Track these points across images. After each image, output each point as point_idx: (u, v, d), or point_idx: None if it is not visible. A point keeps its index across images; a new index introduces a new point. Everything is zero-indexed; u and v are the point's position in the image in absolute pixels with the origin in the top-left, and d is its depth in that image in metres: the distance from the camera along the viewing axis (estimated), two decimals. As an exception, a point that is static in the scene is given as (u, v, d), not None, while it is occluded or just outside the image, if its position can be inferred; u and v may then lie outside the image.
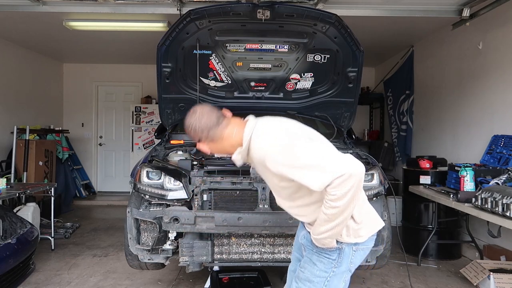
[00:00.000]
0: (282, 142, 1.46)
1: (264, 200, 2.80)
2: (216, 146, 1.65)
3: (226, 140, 1.61)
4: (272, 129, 1.54)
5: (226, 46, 3.50)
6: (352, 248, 1.61)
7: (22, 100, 6.63)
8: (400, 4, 3.92)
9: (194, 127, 1.61)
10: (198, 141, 1.66)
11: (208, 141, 1.63)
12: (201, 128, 1.60)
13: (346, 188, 1.35)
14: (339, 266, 1.62)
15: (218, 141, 1.62)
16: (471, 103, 4.57)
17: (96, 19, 4.82)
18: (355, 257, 1.64)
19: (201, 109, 1.63)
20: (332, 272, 1.61)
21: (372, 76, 7.88)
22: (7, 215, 3.64)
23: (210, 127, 1.60)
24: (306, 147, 1.44)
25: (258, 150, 1.52)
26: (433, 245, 4.31)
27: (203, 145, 1.65)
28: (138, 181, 2.91)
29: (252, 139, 1.54)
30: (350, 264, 1.64)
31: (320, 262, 1.62)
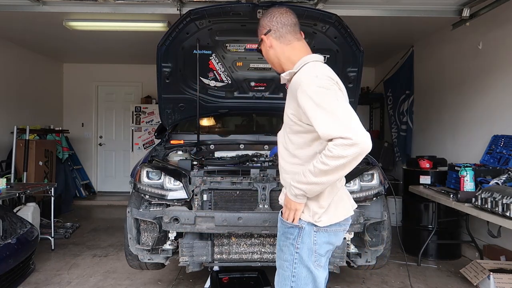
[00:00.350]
0: (321, 82, 1.48)
1: (264, 200, 2.80)
2: (276, 51, 1.70)
3: (285, 52, 1.67)
4: (320, 71, 1.55)
5: (226, 46, 3.50)
6: (313, 229, 1.59)
7: (22, 100, 6.63)
8: (400, 4, 3.92)
9: (275, 16, 1.68)
10: (266, 33, 1.69)
11: (275, 39, 1.68)
12: (282, 22, 1.66)
13: (345, 152, 1.35)
14: (301, 245, 1.59)
15: (281, 47, 1.68)
16: (471, 103, 4.57)
17: (96, 19, 4.82)
18: (318, 237, 1.60)
19: (290, 11, 1.71)
20: (296, 253, 1.60)
21: (372, 76, 7.88)
22: (7, 215, 3.64)
23: (288, 24, 1.66)
24: (337, 97, 1.46)
25: (298, 79, 1.55)
26: (433, 245, 4.31)
27: (268, 39, 1.69)
28: (138, 181, 2.91)
29: (302, 69, 1.58)
30: (314, 246, 1.59)
31: (285, 246, 1.64)
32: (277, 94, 3.92)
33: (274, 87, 3.89)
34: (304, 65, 1.60)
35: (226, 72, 3.70)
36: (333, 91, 1.47)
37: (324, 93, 1.45)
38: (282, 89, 3.90)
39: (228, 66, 3.66)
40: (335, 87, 1.50)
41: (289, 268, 1.62)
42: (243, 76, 3.75)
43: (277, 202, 2.80)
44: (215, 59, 3.60)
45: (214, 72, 3.71)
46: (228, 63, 3.64)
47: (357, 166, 1.51)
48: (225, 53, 3.56)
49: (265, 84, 3.83)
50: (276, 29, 1.67)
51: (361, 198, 2.88)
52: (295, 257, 1.60)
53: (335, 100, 1.44)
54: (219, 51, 3.54)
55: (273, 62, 1.74)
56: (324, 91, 1.45)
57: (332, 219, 1.61)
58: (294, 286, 1.61)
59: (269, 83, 3.84)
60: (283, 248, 1.66)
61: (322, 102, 1.43)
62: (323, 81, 1.48)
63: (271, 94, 3.92)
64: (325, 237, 1.62)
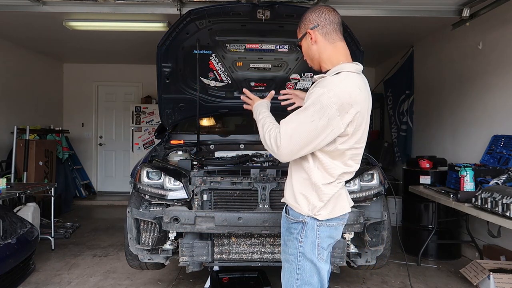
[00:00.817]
0: (327, 101, 1.52)
1: (264, 200, 2.80)
2: (319, 47, 1.72)
3: (328, 50, 1.71)
4: (341, 88, 1.56)
5: (226, 46, 3.50)
6: (316, 223, 1.67)
7: (22, 100, 6.63)
8: (400, 4, 3.92)
9: (324, 13, 1.70)
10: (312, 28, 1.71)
11: (321, 34, 1.69)
12: (330, 19, 1.70)
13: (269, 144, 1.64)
14: (305, 240, 1.67)
15: (324, 44, 1.70)
16: (471, 103, 4.57)
17: (96, 19, 4.82)
18: (320, 231, 1.67)
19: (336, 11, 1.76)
20: (300, 246, 1.68)
21: (372, 76, 7.88)
22: (7, 215, 3.64)
23: (335, 23, 1.71)
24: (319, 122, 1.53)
25: (323, 83, 1.60)
26: (433, 245, 4.31)
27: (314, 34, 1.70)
28: (138, 181, 2.91)
29: (333, 77, 1.61)
30: (317, 239, 1.67)
31: (290, 241, 1.73)
32: (277, 94, 3.91)
33: (274, 87, 3.88)
34: (336, 73, 1.62)
35: (226, 72, 3.70)
36: (323, 114, 1.52)
37: (319, 110, 1.52)
38: (282, 89, 3.87)
39: (228, 66, 3.66)
40: (332, 111, 1.52)
41: (294, 262, 1.70)
42: (243, 76, 3.75)
43: (277, 202, 2.82)
44: (215, 59, 3.60)
45: (214, 72, 3.71)
46: (228, 63, 3.64)
47: None
48: (225, 53, 3.56)
49: (265, 84, 3.83)
50: (324, 25, 1.70)
51: (361, 198, 2.88)
52: (299, 250, 1.68)
53: (311, 121, 1.53)
54: (219, 51, 3.54)
55: (313, 58, 1.76)
56: (321, 108, 1.52)
57: (331, 213, 1.68)
58: (300, 278, 1.70)
59: (269, 83, 3.84)
60: (287, 242, 1.74)
61: (308, 111, 1.54)
62: (331, 100, 1.52)
63: (271, 94, 3.92)
64: (327, 231, 1.69)
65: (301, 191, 1.68)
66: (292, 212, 1.72)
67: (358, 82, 1.62)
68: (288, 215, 1.75)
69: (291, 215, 1.72)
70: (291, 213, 1.72)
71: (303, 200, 1.67)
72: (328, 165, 1.63)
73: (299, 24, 1.79)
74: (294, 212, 1.71)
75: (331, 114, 1.51)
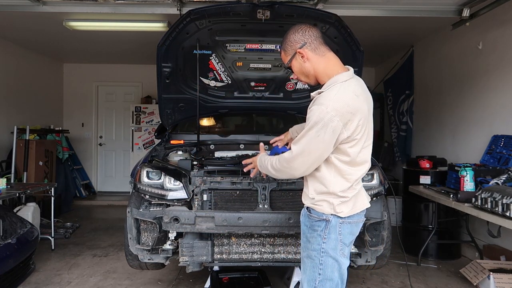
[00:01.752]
0: (325, 116, 1.62)
1: (264, 200, 2.80)
2: (312, 63, 1.79)
3: (321, 64, 1.78)
4: (337, 101, 1.64)
5: (226, 46, 3.49)
6: (339, 221, 1.77)
7: (22, 100, 6.63)
8: (400, 4, 3.92)
9: (306, 30, 1.78)
10: (301, 47, 1.77)
11: (310, 51, 1.77)
12: (314, 35, 1.77)
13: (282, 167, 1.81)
14: (328, 237, 1.76)
15: (317, 59, 1.78)
16: (471, 103, 4.57)
17: (96, 19, 4.82)
18: (342, 228, 1.77)
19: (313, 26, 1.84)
20: (323, 243, 1.76)
21: (372, 76, 7.88)
22: (7, 215, 3.64)
23: (319, 37, 1.78)
24: (323, 138, 1.64)
25: (320, 99, 1.69)
26: (433, 245, 4.31)
27: (305, 52, 1.77)
28: (138, 181, 2.91)
29: (329, 90, 1.70)
30: (339, 236, 1.77)
31: (312, 237, 1.81)
32: (277, 94, 3.93)
33: (274, 87, 3.88)
34: (333, 85, 1.71)
35: (226, 72, 3.70)
36: (326, 129, 1.62)
37: (322, 127, 1.62)
38: (282, 89, 3.90)
39: (228, 66, 3.66)
40: (334, 124, 1.62)
41: (317, 257, 1.78)
42: (243, 76, 3.75)
43: (277, 202, 2.83)
44: (215, 59, 3.60)
45: (214, 72, 3.71)
46: (228, 63, 3.64)
47: None
48: (225, 53, 3.56)
49: (265, 84, 3.83)
50: (311, 42, 1.77)
51: (361, 198, 2.88)
52: (322, 247, 1.77)
53: (317, 136, 1.64)
54: (219, 51, 3.54)
55: (309, 74, 1.83)
56: (323, 125, 1.62)
57: (352, 210, 1.79)
58: (322, 274, 1.77)
59: (269, 83, 3.84)
60: (310, 239, 1.82)
61: (313, 130, 1.65)
62: (329, 115, 1.62)
63: (271, 94, 3.92)
64: (349, 228, 1.80)
65: (322, 198, 1.78)
66: (314, 211, 1.81)
67: (353, 88, 1.71)
68: (310, 213, 1.83)
69: (313, 213, 1.81)
70: (313, 212, 1.81)
71: (323, 202, 1.78)
72: (346, 172, 1.74)
73: (284, 46, 1.85)
74: (317, 211, 1.80)
75: (334, 126, 1.62)
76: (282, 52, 1.88)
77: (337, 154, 1.72)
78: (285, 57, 1.87)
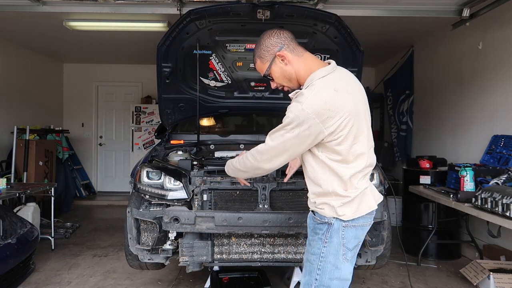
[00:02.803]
0: (300, 114, 1.57)
1: (264, 200, 2.80)
2: (293, 66, 1.73)
3: (301, 64, 1.73)
4: (314, 100, 1.58)
5: (226, 46, 3.50)
6: (342, 224, 1.68)
7: (22, 100, 6.63)
8: (400, 4, 3.92)
9: (280, 33, 1.73)
10: (279, 50, 1.72)
11: (289, 52, 1.71)
12: (289, 37, 1.73)
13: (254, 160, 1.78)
14: (330, 241, 1.68)
15: (297, 60, 1.72)
16: (471, 103, 4.57)
17: (96, 19, 4.82)
18: (346, 232, 1.68)
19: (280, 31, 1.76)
20: (324, 247, 1.68)
21: (372, 76, 7.88)
22: (7, 215, 3.64)
23: (293, 38, 1.74)
24: (296, 134, 1.60)
25: (299, 96, 1.64)
26: (433, 245, 4.31)
27: (284, 54, 1.72)
28: (138, 181, 2.91)
29: (308, 88, 1.65)
30: (342, 240, 1.68)
31: (313, 241, 1.74)
32: (277, 94, 3.92)
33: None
34: (309, 84, 1.65)
35: (226, 72, 3.70)
36: (306, 124, 1.57)
37: (298, 124, 1.57)
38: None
39: (228, 66, 3.66)
40: (313, 121, 1.56)
41: (316, 262, 1.70)
42: (243, 76, 3.75)
43: (277, 202, 2.83)
44: (215, 59, 3.60)
45: (214, 72, 3.71)
46: (228, 63, 3.64)
47: None
48: (225, 53, 3.56)
49: (265, 84, 3.83)
50: (288, 43, 1.72)
51: (361, 198, 2.87)
52: (322, 251, 1.68)
53: (292, 130, 1.60)
54: (219, 51, 3.54)
55: (291, 78, 1.76)
56: (299, 123, 1.57)
57: (356, 212, 1.68)
58: (319, 279, 1.69)
59: (269, 83, 3.83)
60: (311, 242, 1.76)
61: (288, 126, 1.60)
62: (305, 112, 1.56)
63: (271, 94, 3.92)
64: (353, 232, 1.70)
65: (322, 201, 1.71)
66: (317, 214, 1.75)
67: (332, 84, 1.62)
68: (314, 215, 1.77)
69: (317, 216, 1.75)
70: (317, 215, 1.75)
71: (324, 205, 1.70)
72: (340, 170, 1.65)
73: (259, 54, 1.77)
74: (320, 214, 1.73)
75: (310, 124, 1.56)
76: (258, 61, 1.80)
77: (327, 153, 1.64)
78: (262, 65, 1.79)
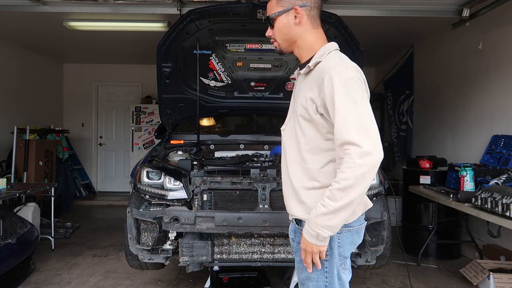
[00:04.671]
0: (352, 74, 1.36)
1: (264, 200, 2.80)
2: (302, 30, 1.50)
3: (310, 36, 1.51)
4: (349, 61, 1.43)
5: (226, 46, 3.50)
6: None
7: (22, 100, 6.63)
8: (400, 4, 3.92)
9: None
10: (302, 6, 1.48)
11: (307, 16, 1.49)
12: (318, 3, 1.50)
13: (362, 161, 1.27)
14: (330, 252, 1.46)
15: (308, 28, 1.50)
16: (471, 103, 4.57)
17: (96, 19, 4.82)
18: (342, 239, 1.48)
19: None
20: (326, 261, 1.47)
21: (372, 76, 7.88)
22: (7, 215, 3.64)
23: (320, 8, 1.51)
24: (363, 96, 1.35)
25: (326, 66, 1.40)
26: (433, 245, 4.31)
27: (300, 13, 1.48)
28: (138, 181, 2.91)
29: (328, 57, 1.44)
30: (339, 249, 1.48)
31: None
32: (277, 94, 3.93)
33: (274, 87, 3.89)
34: (328, 53, 1.46)
35: (226, 72, 3.71)
36: (360, 87, 1.36)
37: (354, 87, 1.34)
38: (282, 89, 3.90)
39: (228, 66, 3.66)
40: (361, 82, 1.38)
41: (321, 279, 1.48)
42: (243, 76, 3.75)
43: (277, 202, 2.82)
44: (215, 59, 3.60)
45: (214, 72, 3.71)
46: (228, 63, 3.64)
47: None
48: (225, 53, 3.56)
49: (265, 84, 3.83)
50: (312, 8, 1.49)
51: (361, 198, 2.87)
52: (325, 265, 1.47)
53: (361, 99, 1.33)
54: (219, 51, 3.54)
55: (290, 39, 1.53)
56: (353, 85, 1.34)
57: (352, 216, 1.48)
58: None
59: (269, 83, 3.84)
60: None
61: (351, 97, 1.32)
62: (353, 73, 1.37)
63: (271, 94, 3.93)
64: (349, 237, 1.51)
65: (314, 201, 1.42)
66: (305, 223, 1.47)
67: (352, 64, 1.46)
68: (300, 226, 1.51)
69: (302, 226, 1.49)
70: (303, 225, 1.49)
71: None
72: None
73: None
74: None
75: (361, 85, 1.37)
76: (274, 0, 1.53)
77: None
78: (275, 6, 1.51)
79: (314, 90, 1.42)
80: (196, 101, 3.63)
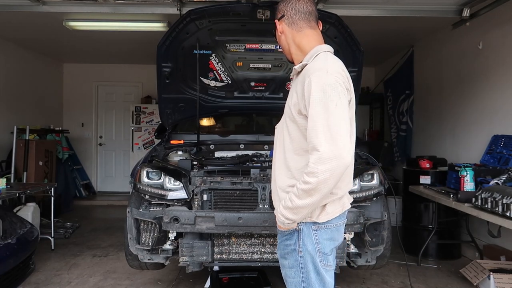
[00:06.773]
0: (330, 80, 1.42)
1: (264, 200, 2.80)
2: (286, 38, 1.64)
3: (296, 39, 1.62)
4: (331, 66, 1.48)
5: (226, 46, 3.50)
6: (312, 227, 1.52)
7: (22, 100, 6.63)
8: (400, 4, 3.92)
9: (291, 2, 1.62)
10: (279, 18, 1.65)
11: (286, 24, 1.62)
12: (296, 8, 1.60)
13: (321, 168, 1.34)
14: (304, 248, 1.52)
15: (292, 34, 1.62)
16: (471, 103, 4.57)
17: (96, 19, 4.82)
18: (319, 235, 1.52)
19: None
20: (300, 257, 1.53)
21: (372, 76, 7.88)
22: (7, 215, 3.64)
23: (302, 12, 1.60)
24: (337, 102, 1.40)
25: (310, 69, 1.49)
26: (433, 245, 4.31)
27: (280, 25, 1.65)
28: (138, 181, 2.91)
29: (314, 60, 1.53)
30: (317, 245, 1.52)
31: (288, 254, 1.59)
32: (277, 94, 3.93)
33: (274, 87, 3.89)
34: (315, 55, 1.54)
35: (226, 72, 3.71)
36: (337, 93, 1.41)
37: (330, 93, 1.40)
38: (282, 89, 3.90)
39: (228, 66, 3.66)
40: (341, 88, 1.43)
41: (298, 274, 1.55)
42: (243, 76, 3.75)
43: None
44: (215, 59, 3.60)
45: (214, 72, 3.71)
46: (228, 63, 3.64)
47: (357, 166, 1.49)
48: (225, 53, 3.56)
49: (265, 84, 3.83)
50: (290, 16, 1.61)
51: (361, 198, 2.88)
52: (300, 262, 1.54)
53: (335, 106, 1.39)
54: (219, 51, 3.54)
55: (284, 48, 1.70)
56: (330, 91, 1.40)
57: (330, 214, 1.53)
58: None
59: (269, 83, 3.84)
60: (286, 255, 1.61)
61: (325, 103, 1.39)
62: (332, 79, 1.43)
63: (271, 94, 3.93)
64: (327, 234, 1.54)
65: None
66: None
67: (339, 61, 1.56)
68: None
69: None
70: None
71: None
72: None
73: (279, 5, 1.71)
74: None
75: (340, 90, 1.42)
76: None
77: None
78: (277, 13, 1.69)
79: (298, 92, 1.50)
80: (196, 101, 3.63)
